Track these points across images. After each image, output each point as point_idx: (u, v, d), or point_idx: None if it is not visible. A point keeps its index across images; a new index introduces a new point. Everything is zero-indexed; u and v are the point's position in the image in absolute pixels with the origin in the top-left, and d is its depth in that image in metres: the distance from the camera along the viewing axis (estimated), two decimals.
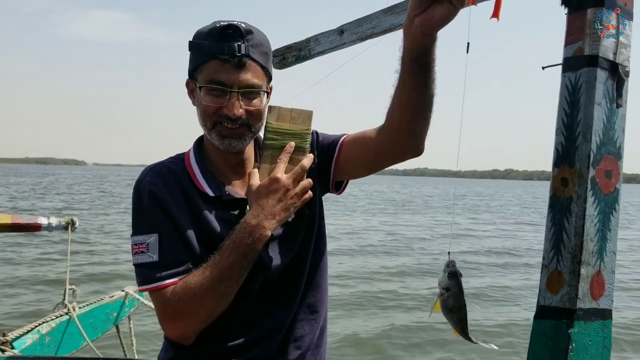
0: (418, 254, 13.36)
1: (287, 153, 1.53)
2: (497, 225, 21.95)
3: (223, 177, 1.62)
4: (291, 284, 1.63)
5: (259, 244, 1.47)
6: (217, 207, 1.57)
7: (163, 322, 1.53)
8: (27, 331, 3.39)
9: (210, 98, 1.52)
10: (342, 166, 1.67)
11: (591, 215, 1.18)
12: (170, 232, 1.52)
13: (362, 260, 12.19)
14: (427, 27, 1.24)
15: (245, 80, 1.51)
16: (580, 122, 1.20)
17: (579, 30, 1.22)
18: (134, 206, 1.57)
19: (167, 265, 1.49)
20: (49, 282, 8.94)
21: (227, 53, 1.49)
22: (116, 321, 4.04)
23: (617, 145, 1.23)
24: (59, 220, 4.26)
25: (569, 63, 1.23)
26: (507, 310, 8.27)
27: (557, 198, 1.21)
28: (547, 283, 1.21)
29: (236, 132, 1.54)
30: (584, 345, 1.19)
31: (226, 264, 1.45)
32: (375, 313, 7.92)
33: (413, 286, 9.72)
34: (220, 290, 1.46)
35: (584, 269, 1.17)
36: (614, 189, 1.22)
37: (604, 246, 1.21)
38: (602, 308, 1.21)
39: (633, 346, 6.64)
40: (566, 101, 1.22)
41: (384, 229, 19.19)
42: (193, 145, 1.68)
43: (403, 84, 1.39)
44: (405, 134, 1.49)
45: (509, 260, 13.05)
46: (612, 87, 1.22)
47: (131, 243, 1.54)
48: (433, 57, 1.33)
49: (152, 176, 1.57)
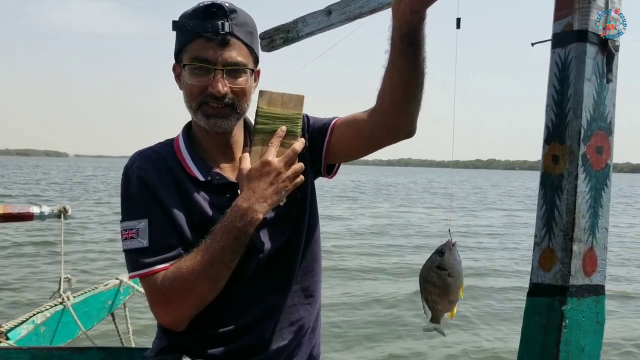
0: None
1: (278, 137, 1.53)
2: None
3: (213, 162, 1.61)
4: (285, 268, 1.62)
5: (250, 227, 1.46)
6: (207, 192, 1.56)
7: (154, 308, 1.52)
8: (21, 322, 3.38)
9: (194, 77, 1.52)
10: (333, 149, 1.66)
11: (582, 192, 1.18)
12: (160, 217, 1.51)
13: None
14: (415, 4, 1.24)
15: (229, 57, 1.51)
16: (570, 98, 1.19)
17: (568, 5, 1.20)
18: (123, 192, 1.56)
19: (158, 250, 1.48)
20: (44, 271, 8.93)
21: (211, 31, 1.49)
22: (111, 309, 4.04)
23: (608, 121, 1.22)
24: (51, 209, 4.25)
25: (558, 39, 1.21)
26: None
27: (548, 175, 1.20)
28: (540, 261, 1.21)
29: (221, 111, 1.54)
30: (578, 321, 1.19)
31: (218, 248, 1.44)
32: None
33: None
34: (212, 274, 1.45)
35: (576, 245, 1.17)
36: (605, 165, 1.22)
37: (596, 222, 1.21)
38: (594, 284, 1.21)
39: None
40: (556, 77, 1.21)
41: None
42: (182, 130, 1.67)
43: (393, 63, 1.38)
44: (397, 114, 1.48)
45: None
46: (602, 62, 1.20)
47: (121, 229, 1.53)
48: (422, 35, 1.33)
49: (140, 161, 1.56)
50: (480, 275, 9.54)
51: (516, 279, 9.36)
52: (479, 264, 10.56)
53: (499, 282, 9.20)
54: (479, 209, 25.10)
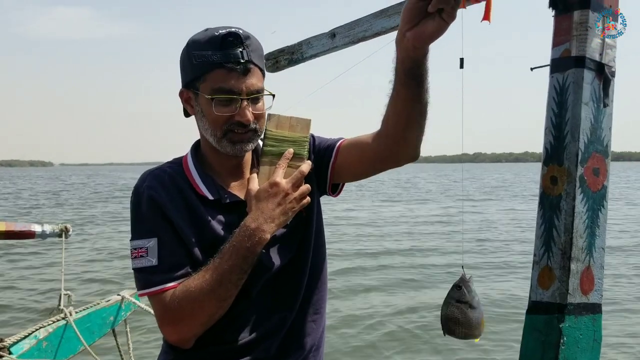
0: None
1: (285, 159, 1.57)
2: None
3: (221, 180, 1.63)
4: (291, 286, 1.64)
5: (258, 247, 1.48)
6: (216, 211, 1.58)
7: (163, 326, 1.53)
8: (24, 336, 3.39)
9: (220, 108, 1.53)
10: (338, 170, 1.69)
11: (580, 212, 1.21)
12: (170, 236, 1.52)
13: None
14: (418, 41, 1.26)
15: (251, 85, 1.53)
16: (568, 122, 1.23)
17: (566, 32, 1.25)
18: (133, 211, 1.58)
19: (167, 269, 1.50)
20: (44, 288, 8.94)
21: (233, 61, 1.50)
22: (113, 325, 4.04)
23: (605, 144, 1.26)
24: (52, 228, 4.27)
25: (557, 64, 1.26)
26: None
27: (547, 196, 1.24)
28: (539, 279, 1.24)
29: (246, 136, 1.56)
30: (575, 339, 1.21)
31: (226, 268, 1.46)
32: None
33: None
34: (220, 293, 1.47)
35: (573, 264, 1.20)
36: (602, 187, 1.25)
37: (593, 242, 1.24)
38: (592, 302, 1.24)
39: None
40: (554, 101, 1.25)
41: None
42: (190, 149, 1.69)
43: (397, 94, 1.41)
44: (401, 141, 1.51)
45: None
46: (599, 87, 1.25)
47: (130, 247, 1.55)
48: (425, 68, 1.36)
49: (150, 181, 1.58)
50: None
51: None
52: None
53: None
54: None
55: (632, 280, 9.70)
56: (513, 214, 20.95)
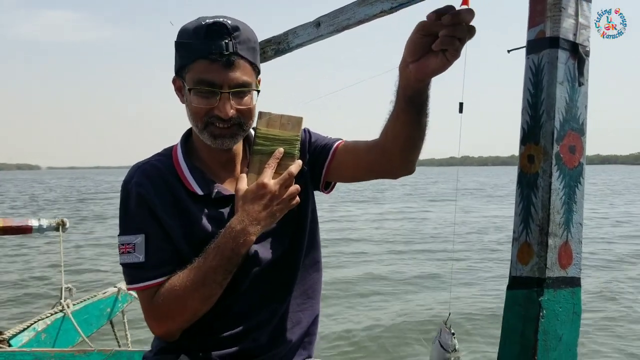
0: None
1: (275, 159, 1.55)
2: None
3: (212, 174, 1.63)
4: (283, 279, 1.66)
5: (243, 248, 1.49)
6: (206, 206, 1.58)
7: (148, 320, 1.57)
8: (23, 329, 3.44)
9: (200, 99, 1.51)
10: (333, 171, 1.70)
11: (557, 189, 1.24)
12: (157, 233, 1.54)
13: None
14: (420, 75, 1.27)
15: (235, 79, 1.50)
16: (544, 101, 1.25)
17: (541, 14, 1.27)
18: (121, 206, 1.59)
19: (153, 266, 1.52)
20: (43, 282, 8.97)
21: (215, 52, 1.46)
22: (110, 316, 4.10)
23: (580, 122, 1.29)
24: (49, 222, 4.30)
25: (532, 45, 1.28)
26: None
27: (525, 174, 1.27)
28: (518, 255, 1.28)
29: (228, 131, 1.54)
30: (555, 311, 1.25)
31: (210, 268, 1.48)
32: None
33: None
34: (204, 292, 1.49)
35: (551, 240, 1.24)
36: (578, 164, 1.28)
37: (571, 218, 1.27)
38: (570, 276, 1.28)
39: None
40: (530, 82, 1.28)
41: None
42: (180, 140, 1.68)
43: (396, 116, 1.43)
44: (397, 158, 1.54)
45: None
46: (574, 67, 1.27)
47: (118, 242, 1.56)
48: (427, 97, 1.38)
49: (139, 177, 1.58)
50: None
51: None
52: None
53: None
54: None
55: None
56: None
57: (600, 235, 14.49)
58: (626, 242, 13.41)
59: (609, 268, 10.30)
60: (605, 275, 9.64)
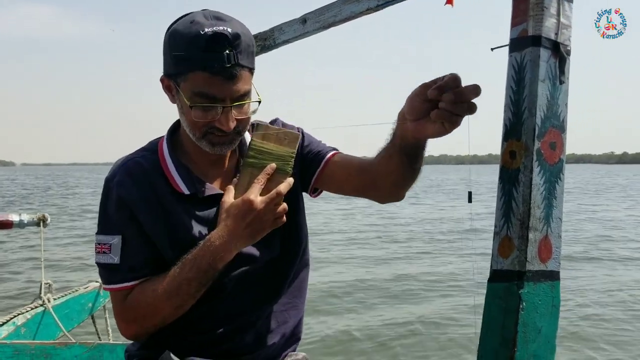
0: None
1: (265, 174, 1.49)
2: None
3: (199, 170, 1.59)
4: (272, 281, 1.65)
5: (220, 264, 1.46)
6: (192, 205, 1.55)
7: (117, 321, 1.56)
8: (2, 323, 3.40)
9: (200, 113, 1.45)
10: (322, 180, 1.69)
11: (537, 184, 1.27)
12: (135, 236, 1.51)
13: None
14: (418, 135, 1.28)
15: (237, 91, 1.44)
16: (525, 98, 1.28)
17: (523, 13, 1.30)
18: (101, 204, 1.56)
19: (127, 269, 1.50)
20: (23, 277, 8.88)
21: (217, 65, 1.39)
22: (92, 311, 4.07)
23: (561, 119, 1.32)
24: (30, 217, 4.27)
25: (515, 43, 1.31)
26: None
27: (506, 170, 1.30)
28: (499, 249, 1.30)
29: (227, 139, 1.51)
30: (534, 304, 1.28)
31: (185, 279, 1.46)
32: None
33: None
34: (175, 302, 1.48)
35: (532, 234, 1.27)
36: (558, 160, 1.32)
37: (550, 212, 1.30)
38: (550, 270, 1.31)
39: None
40: (513, 79, 1.31)
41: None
42: (167, 133, 1.64)
43: (390, 156, 1.44)
44: (387, 189, 1.56)
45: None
46: (555, 65, 1.30)
47: (95, 241, 1.54)
48: (422, 150, 1.39)
49: (121, 176, 1.54)
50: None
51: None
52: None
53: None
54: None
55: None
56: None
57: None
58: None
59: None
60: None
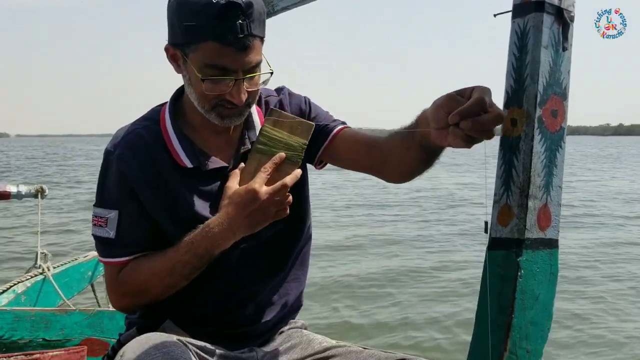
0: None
1: (273, 163, 1.44)
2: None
3: (202, 141, 1.56)
4: (276, 256, 1.63)
5: (216, 250, 1.44)
6: (195, 179, 1.52)
7: (109, 293, 1.57)
8: (2, 291, 3.42)
9: (211, 86, 1.41)
10: (328, 154, 1.65)
11: (538, 152, 1.27)
12: (133, 212, 1.49)
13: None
14: (439, 142, 1.22)
15: (249, 62, 1.40)
16: (528, 65, 1.27)
17: None
18: (101, 176, 1.53)
19: (123, 244, 1.50)
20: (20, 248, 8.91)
21: (230, 36, 1.35)
22: (91, 280, 4.09)
23: (563, 86, 1.31)
24: (28, 188, 4.27)
25: (518, 9, 1.29)
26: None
27: (507, 138, 1.29)
28: (498, 217, 1.30)
29: (236, 111, 1.48)
30: (532, 272, 1.28)
31: (179, 261, 1.45)
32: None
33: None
34: (168, 282, 1.47)
35: (531, 202, 1.26)
36: (559, 128, 1.31)
37: (551, 181, 1.30)
38: (548, 238, 1.31)
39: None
40: (515, 46, 1.29)
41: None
42: (169, 102, 1.60)
43: (408, 149, 1.40)
44: (396, 175, 1.54)
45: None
46: (558, 31, 1.28)
47: (92, 212, 1.52)
48: (442, 150, 1.36)
49: (122, 149, 1.51)
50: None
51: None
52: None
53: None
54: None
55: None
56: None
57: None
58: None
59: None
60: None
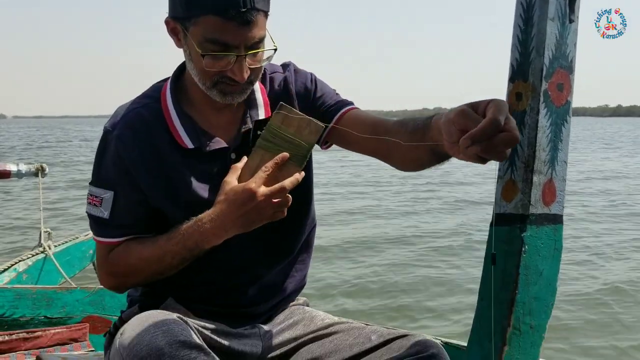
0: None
1: (275, 163, 1.39)
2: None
3: (205, 120, 1.53)
4: (281, 239, 1.61)
5: (207, 245, 1.42)
6: (196, 160, 1.49)
7: (99, 271, 1.58)
8: (3, 269, 3.42)
9: (212, 62, 1.37)
10: (333, 135, 1.60)
11: (543, 127, 1.25)
12: (128, 194, 1.48)
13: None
14: (451, 153, 1.14)
15: (251, 38, 1.36)
16: (534, 38, 1.25)
17: None
18: (98, 154, 1.51)
19: (116, 225, 1.49)
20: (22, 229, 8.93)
21: (232, 10, 1.31)
22: (93, 258, 4.09)
23: (569, 59, 1.29)
24: (28, 167, 4.25)
25: None
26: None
27: (512, 112, 1.27)
28: (502, 192, 1.29)
29: (238, 88, 1.44)
30: (537, 247, 1.28)
31: (169, 251, 1.44)
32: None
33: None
34: (156, 269, 1.47)
35: (536, 177, 1.25)
36: (565, 102, 1.29)
37: (556, 156, 1.28)
38: (553, 213, 1.30)
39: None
40: (521, 18, 1.27)
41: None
42: (171, 79, 1.56)
43: (417, 147, 1.33)
44: (402, 164, 1.49)
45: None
46: (565, 3, 1.26)
47: (88, 190, 1.51)
48: (450, 157, 1.29)
49: (121, 129, 1.48)
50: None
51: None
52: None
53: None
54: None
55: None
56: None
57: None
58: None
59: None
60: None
